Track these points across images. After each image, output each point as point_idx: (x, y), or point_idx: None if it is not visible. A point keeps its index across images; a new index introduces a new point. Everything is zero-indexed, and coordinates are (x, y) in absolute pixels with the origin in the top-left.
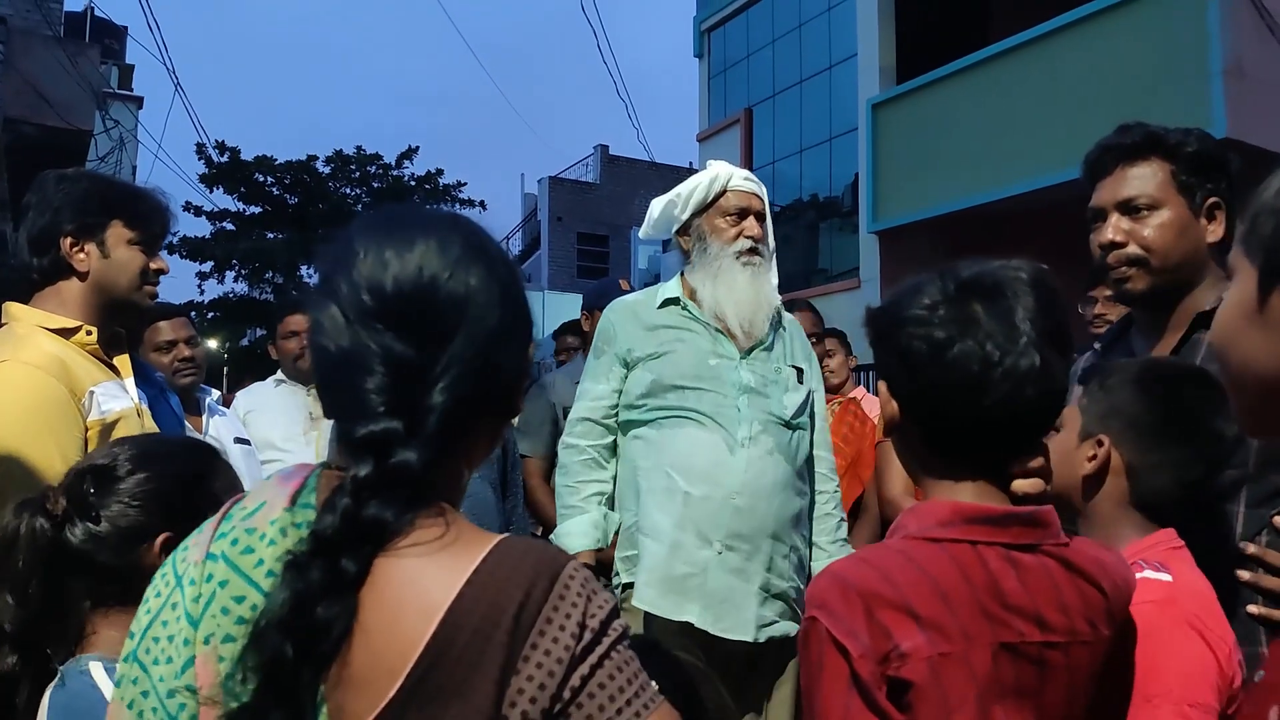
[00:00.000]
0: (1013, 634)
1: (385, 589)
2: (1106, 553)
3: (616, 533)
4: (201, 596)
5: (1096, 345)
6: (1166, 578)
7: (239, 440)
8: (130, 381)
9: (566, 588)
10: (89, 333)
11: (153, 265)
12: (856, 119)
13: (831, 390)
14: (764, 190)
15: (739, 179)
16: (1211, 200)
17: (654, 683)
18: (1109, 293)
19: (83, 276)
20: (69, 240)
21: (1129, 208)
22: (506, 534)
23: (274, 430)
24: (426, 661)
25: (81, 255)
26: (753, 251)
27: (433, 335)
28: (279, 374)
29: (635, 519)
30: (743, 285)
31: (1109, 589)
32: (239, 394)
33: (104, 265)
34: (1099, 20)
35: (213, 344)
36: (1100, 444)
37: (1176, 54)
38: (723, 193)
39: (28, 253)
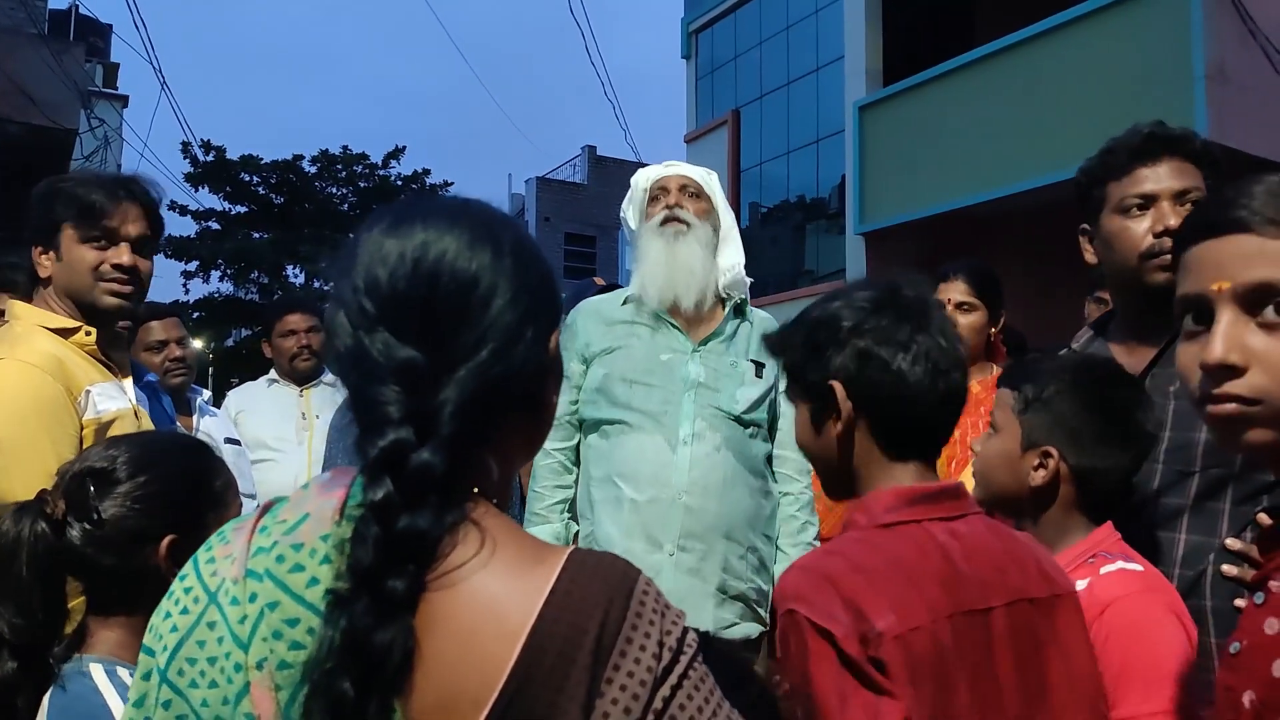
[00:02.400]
0: (965, 602)
1: (453, 612)
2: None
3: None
4: (248, 618)
5: (1073, 346)
6: (1138, 568)
7: (229, 440)
8: (129, 382)
9: (642, 604)
10: (88, 333)
11: (110, 260)
12: (843, 121)
13: None
14: (697, 171)
15: (657, 171)
16: None
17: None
18: None
19: (47, 283)
20: (37, 249)
21: (1183, 198)
22: (576, 547)
23: (266, 430)
24: (513, 687)
25: (45, 262)
26: (670, 220)
27: (437, 329)
28: (271, 373)
29: (591, 528)
30: (657, 252)
31: (1030, 545)
32: (230, 393)
33: (59, 269)
34: (1083, 24)
35: (198, 344)
36: (1049, 455)
37: (1159, 58)
38: (648, 189)
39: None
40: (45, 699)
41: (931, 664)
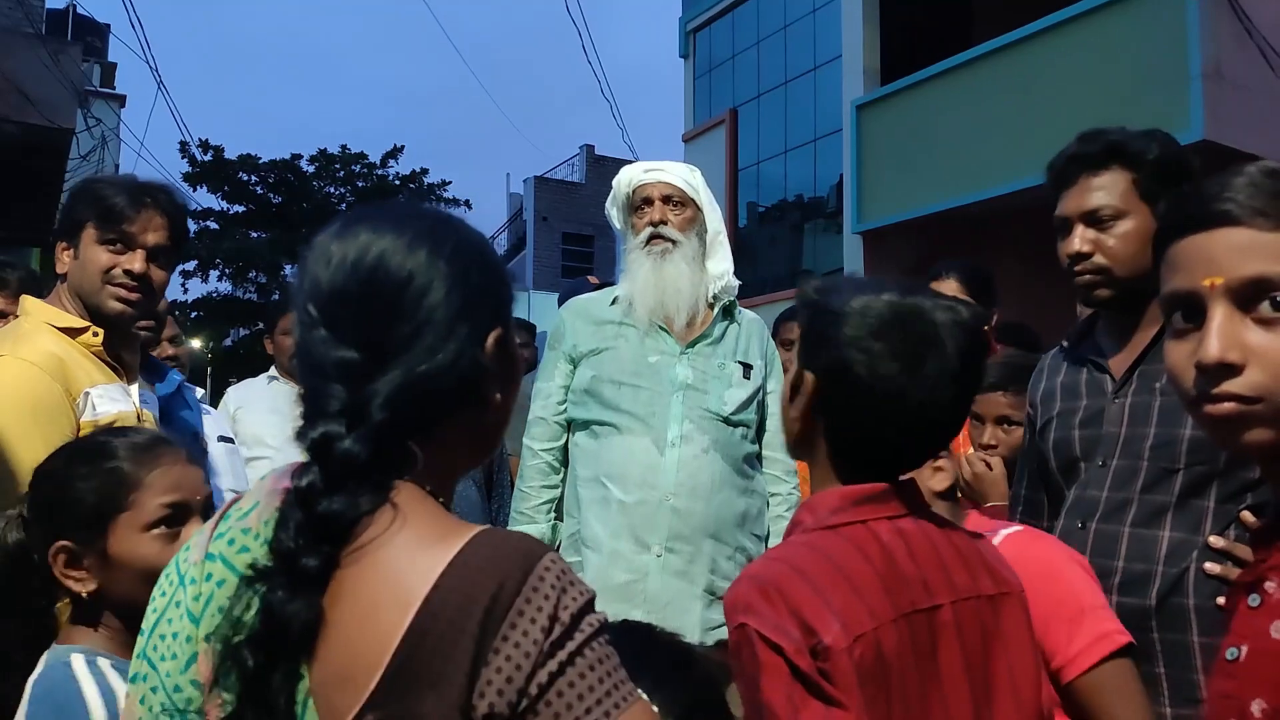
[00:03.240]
0: (910, 602)
1: (358, 585)
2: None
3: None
4: (201, 595)
5: (1064, 342)
6: (1017, 528)
7: (223, 439)
8: (135, 386)
9: (541, 579)
10: (95, 334)
11: (122, 265)
12: (841, 120)
13: None
14: (680, 174)
15: (639, 173)
16: None
17: (632, 683)
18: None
19: (63, 279)
20: (60, 244)
21: (1093, 218)
22: (488, 526)
23: (264, 428)
24: (403, 652)
25: (65, 258)
26: (655, 238)
27: (371, 326)
28: (272, 370)
29: (578, 528)
30: (645, 274)
31: (979, 543)
32: (230, 389)
33: (75, 267)
34: (1080, 24)
35: (196, 344)
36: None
37: (1156, 57)
38: (631, 193)
39: None
40: (29, 684)
41: (878, 669)
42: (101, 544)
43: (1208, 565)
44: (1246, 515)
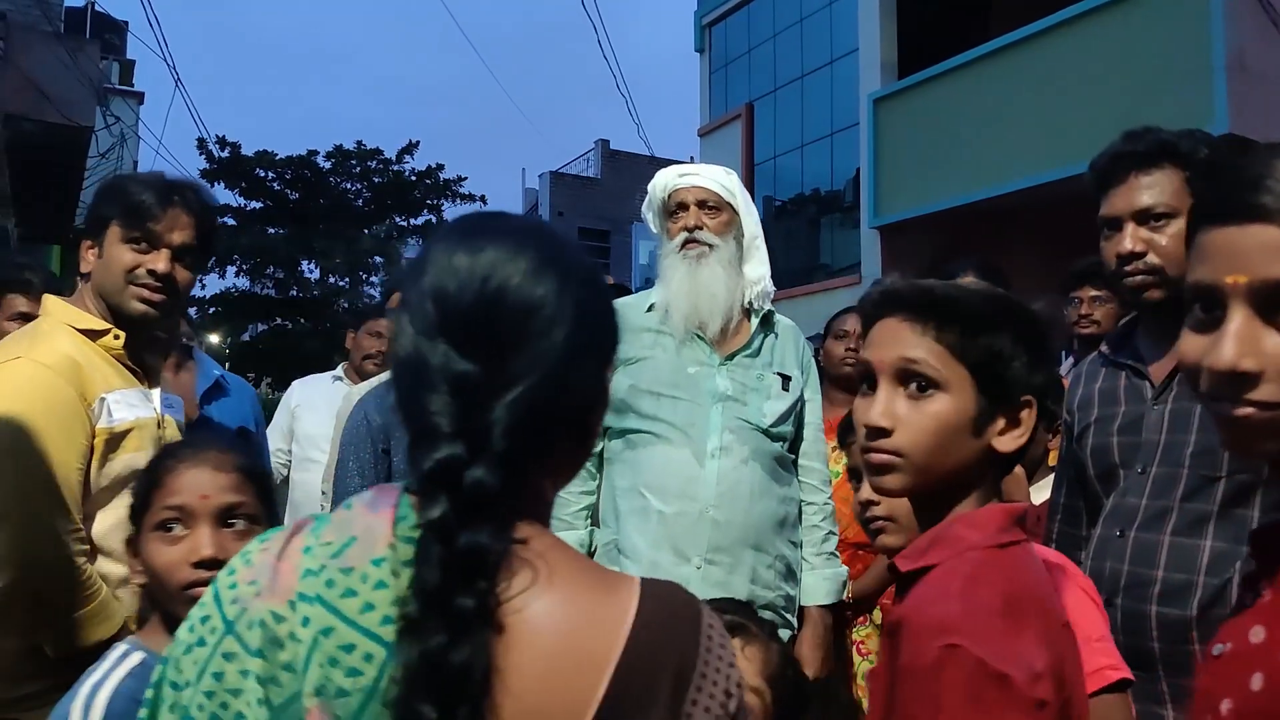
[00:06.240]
0: (1062, 623)
1: (529, 635)
2: None
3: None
4: (302, 643)
5: (1104, 348)
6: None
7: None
8: (156, 391)
9: (709, 639)
10: (116, 337)
11: (146, 264)
12: (858, 114)
13: None
14: (715, 178)
15: (674, 177)
16: None
17: None
18: (1094, 293)
19: (86, 277)
20: (85, 242)
21: (1146, 217)
22: (640, 577)
23: (320, 429)
24: (603, 716)
25: (90, 256)
26: (691, 243)
27: (496, 348)
28: (339, 369)
29: (614, 536)
30: (680, 278)
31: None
32: (295, 383)
33: (98, 266)
34: (1101, 15)
35: (214, 339)
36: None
37: (1179, 49)
38: (667, 198)
39: None
40: (100, 680)
41: (1061, 692)
42: (140, 541)
43: None
44: None
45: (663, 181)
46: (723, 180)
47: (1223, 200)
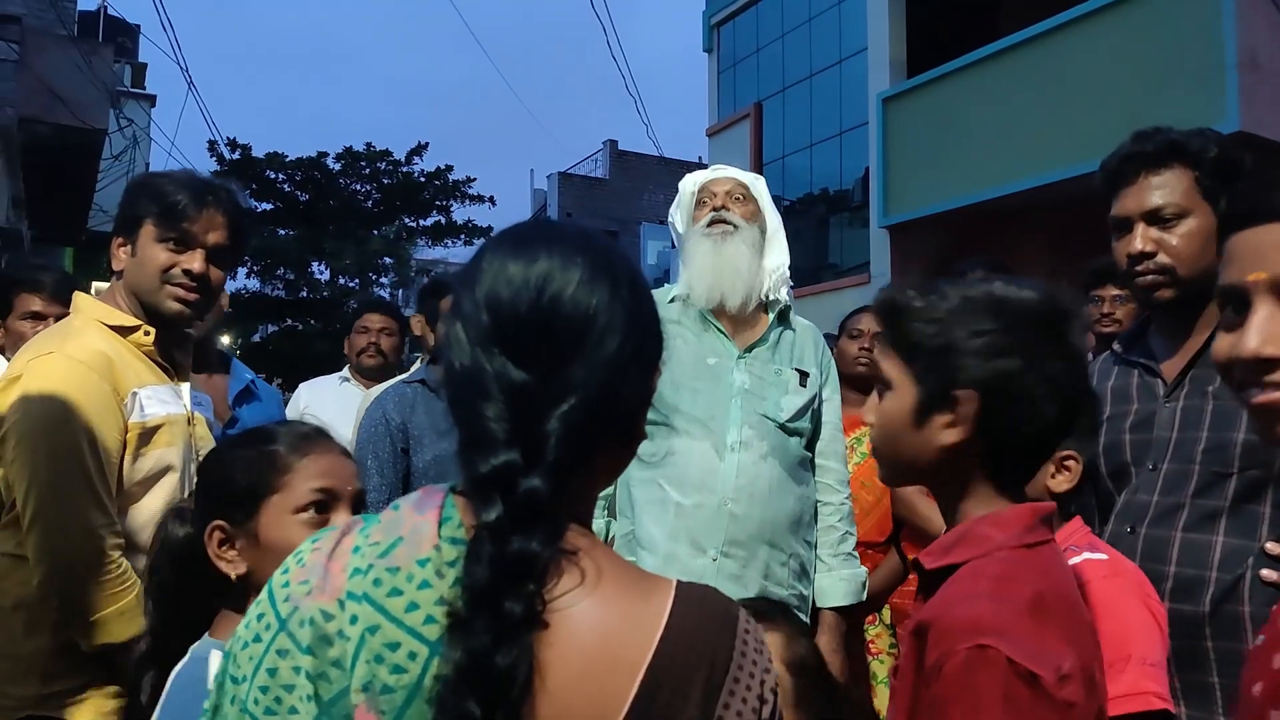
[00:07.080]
0: (1090, 627)
1: (568, 638)
2: None
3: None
4: (350, 640)
5: (1116, 346)
6: (1103, 556)
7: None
8: (186, 387)
9: (745, 643)
10: (146, 333)
11: (182, 264)
12: (867, 113)
13: None
14: (745, 175)
15: (705, 175)
16: None
17: None
18: (1115, 292)
19: (119, 275)
20: (117, 240)
21: (1156, 217)
22: (677, 580)
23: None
24: (633, 718)
25: (122, 254)
26: (716, 222)
27: (550, 358)
28: (345, 371)
29: (631, 528)
30: (704, 253)
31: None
32: (303, 385)
33: (131, 264)
34: (1110, 13)
35: (225, 340)
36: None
37: (1189, 46)
38: (696, 191)
39: None
40: (174, 672)
41: (1091, 694)
42: (253, 526)
43: (1264, 572)
44: None
45: (695, 178)
46: (750, 179)
47: (1246, 206)
